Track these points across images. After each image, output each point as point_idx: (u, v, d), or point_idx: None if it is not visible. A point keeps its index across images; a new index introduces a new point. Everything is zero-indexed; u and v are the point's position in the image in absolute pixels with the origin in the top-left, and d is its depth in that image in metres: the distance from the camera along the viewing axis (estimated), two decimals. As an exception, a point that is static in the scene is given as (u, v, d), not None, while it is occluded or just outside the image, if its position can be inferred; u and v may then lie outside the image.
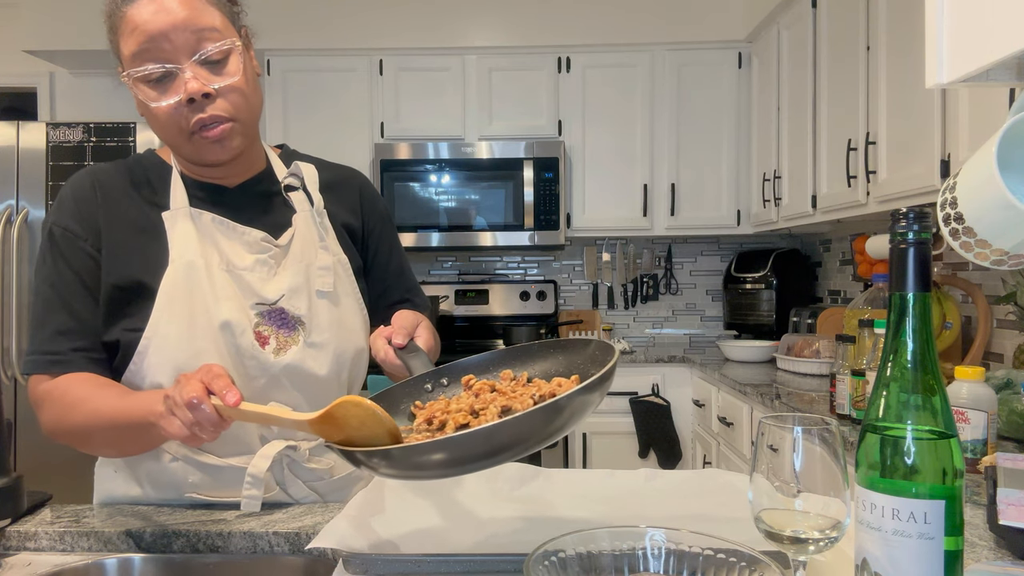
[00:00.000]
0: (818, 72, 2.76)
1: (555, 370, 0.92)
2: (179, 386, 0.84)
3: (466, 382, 0.92)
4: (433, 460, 0.70)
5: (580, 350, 0.91)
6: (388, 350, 0.98)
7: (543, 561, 0.66)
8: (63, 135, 3.02)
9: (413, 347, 1.00)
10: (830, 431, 0.66)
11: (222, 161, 1.07)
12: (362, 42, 3.50)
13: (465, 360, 0.96)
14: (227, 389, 0.82)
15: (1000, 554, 0.90)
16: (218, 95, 1.01)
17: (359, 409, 0.74)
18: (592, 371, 0.86)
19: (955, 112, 1.87)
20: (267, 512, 1.05)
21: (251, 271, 1.09)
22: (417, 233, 3.38)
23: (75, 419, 1.01)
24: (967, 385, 1.36)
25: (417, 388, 0.94)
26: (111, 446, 1.06)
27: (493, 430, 0.69)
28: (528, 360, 0.95)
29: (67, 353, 1.04)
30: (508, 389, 0.87)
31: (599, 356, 0.87)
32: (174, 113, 1.01)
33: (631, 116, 3.51)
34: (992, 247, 0.81)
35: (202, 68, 1.00)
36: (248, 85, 1.05)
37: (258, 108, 1.09)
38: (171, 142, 1.07)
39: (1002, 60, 0.71)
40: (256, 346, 1.07)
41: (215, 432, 0.84)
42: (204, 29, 0.99)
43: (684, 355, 3.27)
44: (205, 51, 0.99)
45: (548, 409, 0.69)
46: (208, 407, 0.81)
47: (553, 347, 0.94)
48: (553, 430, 0.72)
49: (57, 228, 1.07)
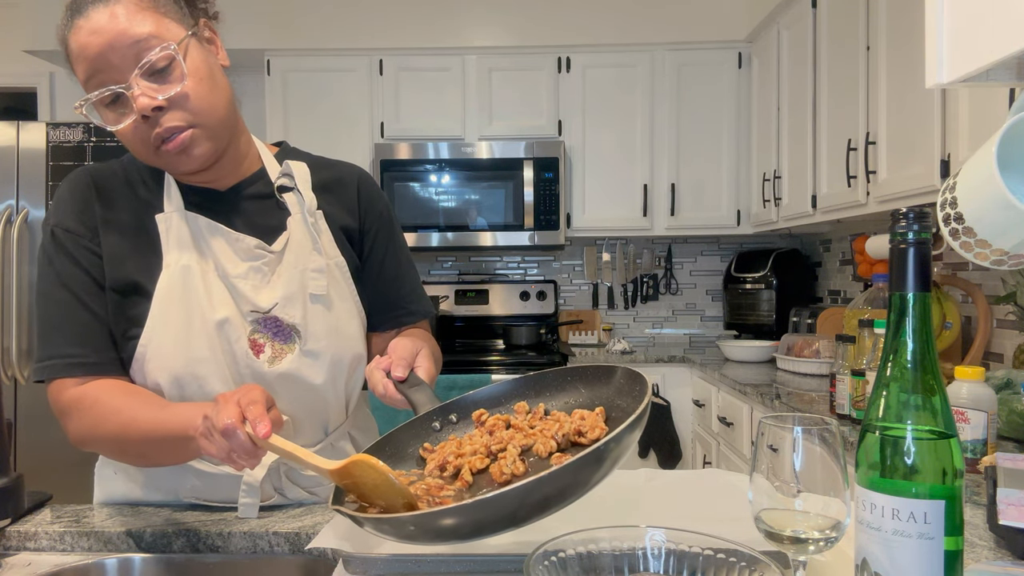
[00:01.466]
0: (818, 72, 2.76)
1: (576, 401, 0.85)
2: (217, 407, 0.82)
3: (477, 417, 0.85)
4: (448, 527, 0.63)
5: (602, 379, 0.84)
6: (387, 384, 0.94)
7: (543, 561, 0.66)
8: (63, 135, 3.02)
9: (415, 379, 0.93)
10: (830, 431, 0.66)
11: (193, 170, 1.03)
12: (362, 42, 3.50)
13: (475, 393, 0.90)
14: (259, 419, 0.79)
15: (1000, 554, 0.90)
16: (170, 105, 0.96)
17: (375, 473, 0.71)
18: (619, 401, 0.80)
19: (955, 112, 1.87)
20: (267, 512, 1.05)
21: (244, 279, 1.06)
22: (417, 233, 3.38)
23: (109, 429, 0.98)
24: (967, 385, 1.36)
25: (424, 428, 0.88)
26: (144, 457, 1.02)
27: (529, 488, 0.60)
28: (543, 390, 0.89)
29: (92, 355, 1.02)
30: (525, 424, 0.81)
31: (626, 386, 0.81)
32: (136, 132, 0.97)
33: (631, 116, 3.51)
34: (992, 247, 0.81)
35: (149, 80, 0.95)
36: (204, 85, 0.99)
37: (222, 106, 1.02)
38: (143, 159, 1.03)
39: (1002, 60, 0.71)
40: (250, 355, 1.05)
41: (252, 460, 0.81)
42: (140, 39, 0.94)
43: (684, 355, 3.27)
44: (145, 62, 0.94)
45: (590, 457, 0.62)
46: (242, 435, 0.79)
47: (571, 375, 0.88)
48: (598, 478, 0.66)
49: (59, 229, 1.05)
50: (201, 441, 0.84)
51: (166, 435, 0.93)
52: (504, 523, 0.65)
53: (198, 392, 1.03)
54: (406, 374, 0.94)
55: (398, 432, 0.88)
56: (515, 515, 0.64)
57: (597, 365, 0.87)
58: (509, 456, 0.75)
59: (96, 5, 0.94)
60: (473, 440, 0.81)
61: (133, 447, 0.99)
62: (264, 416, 0.79)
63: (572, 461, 0.63)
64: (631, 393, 0.79)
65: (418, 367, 0.97)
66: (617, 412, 0.80)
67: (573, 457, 0.63)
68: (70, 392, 1.01)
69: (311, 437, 1.12)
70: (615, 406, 0.81)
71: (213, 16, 1.08)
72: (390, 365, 0.95)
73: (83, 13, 0.94)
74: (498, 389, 0.91)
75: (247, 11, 3.44)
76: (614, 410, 0.81)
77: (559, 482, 0.64)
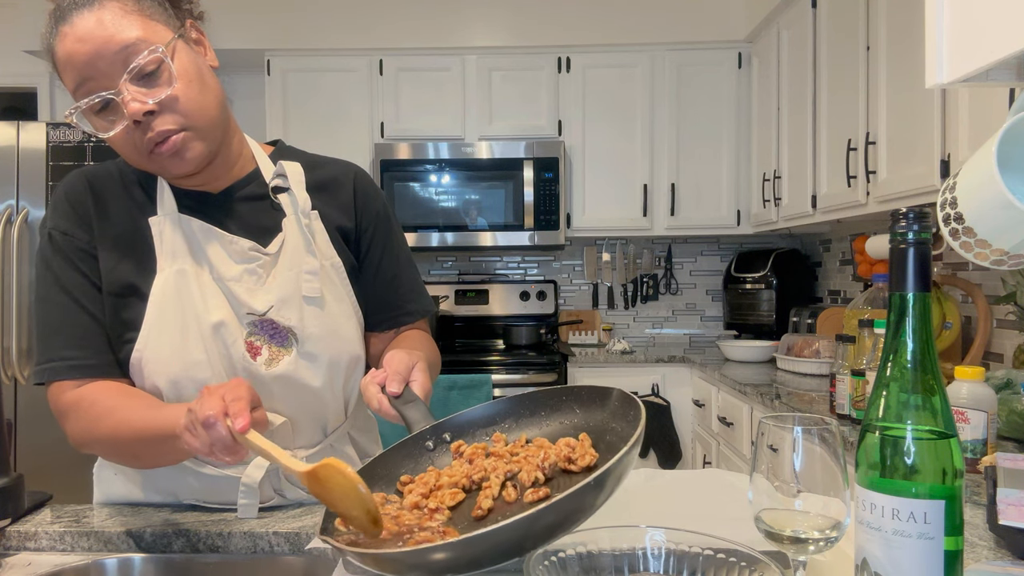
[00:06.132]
0: (818, 72, 2.76)
1: (571, 422, 0.84)
2: (201, 400, 0.81)
3: (455, 449, 0.84)
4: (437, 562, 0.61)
5: (597, 400, 0.83)
6: (382, 399, 0.92)
7: (543, 561, 0.66)
8: (63, 135, 3.02)
9: (409, 395, 0.92)
10: (830, 431, 0.66)
11: (187, 172, 1.01)
12: (362, 42, 3.50)
13: (468, 412, 0.89)
14: (239, 414, 0.78)
15: (1000, 554, 0.90)
16: (161, 109, 0.95)
17: (342, 478, 0.69)
18: (613, 424, 0.79)
19: (955, 112, 1.86)
20: (267, 512, 1.05)
21: (238, 281, 1.05)
22: (417, 233, 3.38)
23: (103, 430, 0.98)
24: (967, 385, 1.36)
25: (417, 447, 0.86)
26: (137, 457, 1.02)
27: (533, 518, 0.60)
28: (538, 410, 0.87)
29: (91, 358, 1.02)
30: (506, 452, 0.80)
31: (620, 409, 0.80)
32: (127, 138, 0.96)
33: (631, 116, 3.51)
34: (992, 247, 0.81)
35: (138, 85, 0.94)
36: (193, 86, 0.98)
37: (214, 107, 1.01)
38: (135, 164, 1.02)
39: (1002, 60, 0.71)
40: (247, 357, 1.04)
41: (233, 455, 0.80)
42: (127, 45, 0.92)
43: (684, 355, 3.27)
44: (134, 66, 0.92)
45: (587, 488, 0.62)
46: (222, 427, 0.78)
47: (567, 395, 0.87)
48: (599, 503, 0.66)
49: (56, 232, 1.04)
50: (185, 435, 0.83)
51: (156, 434, 0.93)
52: (503, 555, 0.64)
53: (196, 396, 1.03)
54: (401, 389, 0.92)
55: (391, 453, 0.86)
56: (519, 546, 0.63)
57: (592, 386, 0.86)
58: (494, 484, 0.74)
59: (81, 11, 0.93)
60: (453, 471, 0.79)
61: (126, 447, 0.99)
62: (244, 411, 0.79)
63: (577, 488, 0.62)
64: (625, 417, 0.78)
65: (413, 381, 0.95)
66: (612, 436, 0.79)
67: (578, 484, 0.63)
68: (69, 394, 1.01)
69: (310, 439, 1.12)
70: (610, 429, 0.80)
71: (199, 16, 1.07)
72: (385, 379, 0.93)
73: (68, 20, 0.93)
74: (492, 408, 0.90)
75: (247, 11, 3.44)
76: (609, 433, 0.80)
77: (564, 509, 0.63)
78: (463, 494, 0.77)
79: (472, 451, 0.82)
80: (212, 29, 1.10)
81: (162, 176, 1.06)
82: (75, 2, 0.94)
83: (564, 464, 0.77)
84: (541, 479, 0.76)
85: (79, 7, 0.93)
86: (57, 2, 0.95)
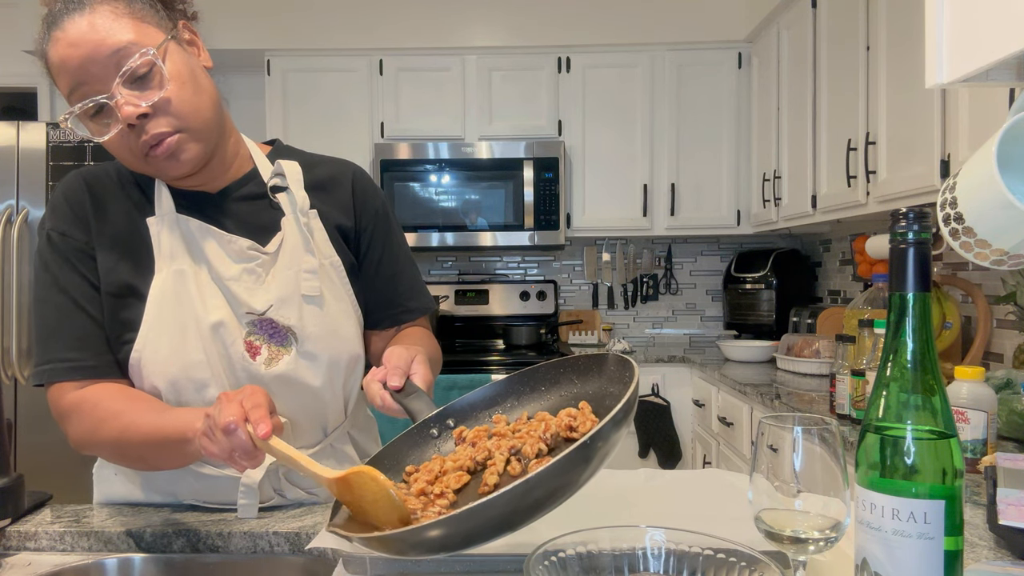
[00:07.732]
0: (818, 72, 2.76)
1: (571, 392, 0.85)
2: (220, 406, 0.81)
3: (458, 435, 0.84)
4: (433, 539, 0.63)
5: (594, 367, 0.84)
6: (384, 395, 0.92)
7: (543, 561, 0.66)
8: (63, 135, 3.02)
9: (411, 388, 0.92)
10: (830, 431, 0.66)
11: (185, 174, 1.02)
12: (362, 42, 3.50)
13: (470, 395, 0.89)
14: (261, 420, 0.79)
15: (1000, 554, 0.90)
16: (155, 111, 0.95)
17: (375, 485, 0.70)
18: (611, 389, 0.80)
19: (955, 112, 1.86)
20: (267, 512, 1.05)
21: (237, 281, 1.05)
22: (417, 233, 3.38)
23: (108, 433, 0.97)
24: (967, 385, 1.36)
25: (423, 436, 0.87)
26: (143, 460, 1.02)
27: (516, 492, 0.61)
28: (538, 385, 0.88)
29: (90, 359, 1.01)
30: (509, 431, 0.81)
31: (616, 372, 0.80)
32: (122, 141, 0.96)
33: (631, 116, 3.51)
34: (992, 247, 0.81)
35: (131, 88, 0.94)
36: (187, 88, 0.97)
37: (208, 108, 1.01)
38: (132, 167, 1.02)
39: (1002, 60, 0.71)
40: (246, 357, 1.04)
41: (253, 461, 0.81)
42: (119, 48, 0.92)
43: (684, 355, 3.27)
44: (126, 70, 0.92)
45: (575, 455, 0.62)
46: (243, 434, 0.78)
47: (564, 367, 0.87)
48: (590, 472, 0.66)
49: (55, 233, 1.04)
50: (203, 440, 0.84)
51: (165, 438, 0.93)
52: (495, 530, 0.65)
53: (195, 396, 1.03)
54: (402, 383, 0.92)
55: (398, 443, 0.87)
56: (508, 520, 0.64)
57: (588, 354, 0.86)
58: (498, 461, 0.74)
59: (72, 16, 0.93)
60: (457, 456, 0.80)
61: (132, 450, 0.98)
62: (266, 418, 0.79)
63: (563, 455, 0.62)
64: (622, 380, 0.79)
65: (414, 374, 0.95)
66: (610, 400, 0.80)
67: (562, 453, 0.63)
68: (70, 396, 1.01)
69: (310, 438, 1.12)
70: (608, 394, 0.81)
71: (192, 17, 1.07)
72: (386, 376, 0.93)
73: (60, 25, 0.93)
74: (493, 389, 0.91)
75: (247, 11, 3.44)
76: (608, 398, 0.81)
77: (551, 481, 0.63)
78: (468, 476, 0.77)
79: (474, 434, 0.83)
80: (212, 29, 1.09)
81: (159, 178, 1.06)
82: (67, 7, 0.93)
83: (566, 433, 0.77)
84: (544, 450, 0.76)
85: (71, 12, 0.93)
86: (50, 7, 0.95)
